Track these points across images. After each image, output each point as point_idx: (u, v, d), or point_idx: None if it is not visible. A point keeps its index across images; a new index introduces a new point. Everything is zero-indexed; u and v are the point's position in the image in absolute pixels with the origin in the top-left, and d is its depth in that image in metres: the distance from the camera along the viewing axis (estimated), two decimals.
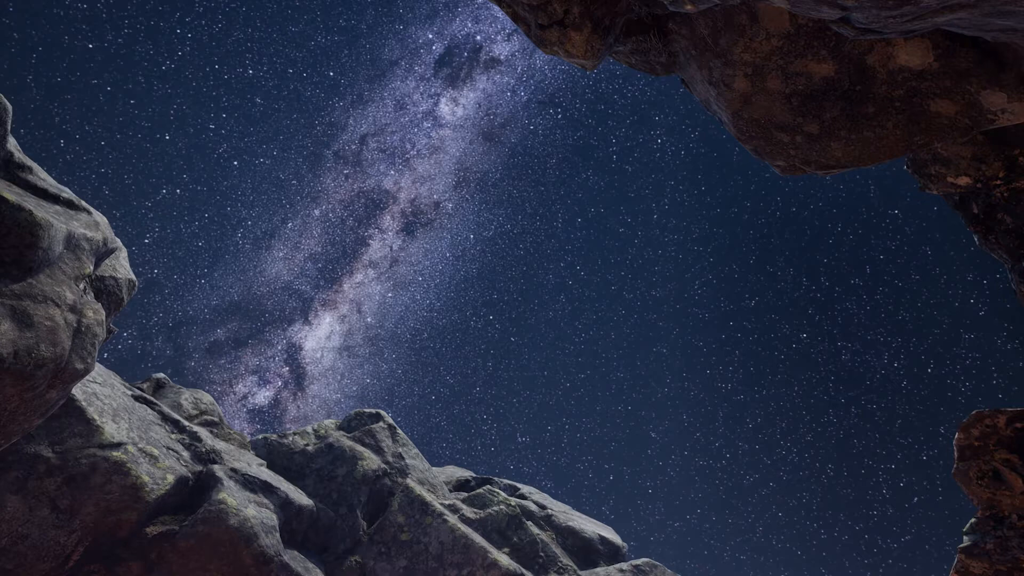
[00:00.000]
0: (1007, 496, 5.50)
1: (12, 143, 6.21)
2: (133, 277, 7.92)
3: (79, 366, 5.78)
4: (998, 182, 5.58)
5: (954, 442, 5.73)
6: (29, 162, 6.42)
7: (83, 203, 6.98)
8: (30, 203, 5.56)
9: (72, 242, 6.08)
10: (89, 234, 6.43)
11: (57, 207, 6.39)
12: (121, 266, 7.78)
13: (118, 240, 7.79)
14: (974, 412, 5.58)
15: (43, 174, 6.63)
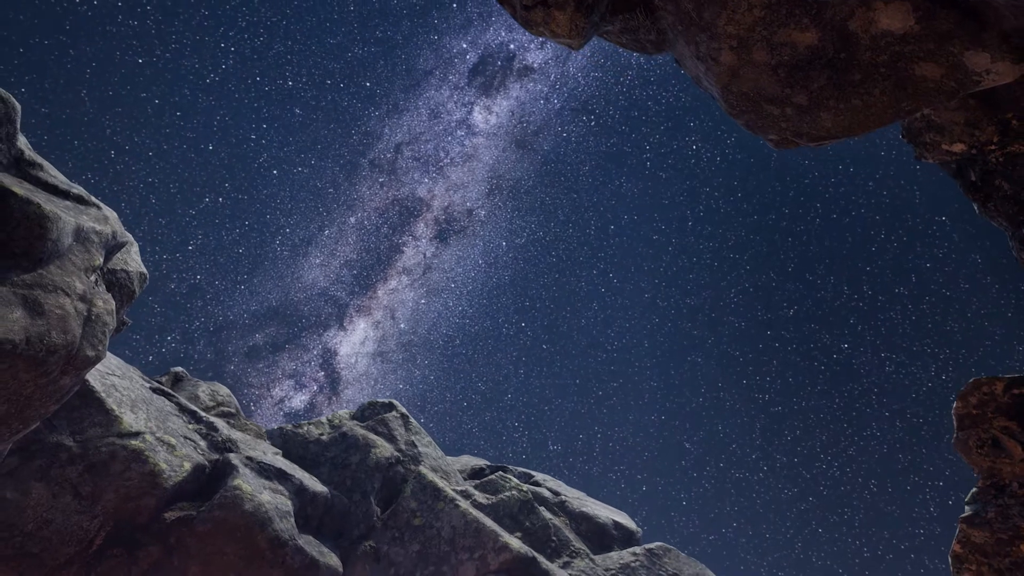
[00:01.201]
0: (1007, 464, 5.45)
1: (23, 141, 6.45)
2: (144, 270, 8.17)
3: (90, 353, 6.00)
4: (992, 147, 5.51)
5: (952, 411, 5.69)
6: (40, 159, 6.66)
7: (93, 199, 7.22)
8: (39, 197, 5.79)
9: (81, 235, 6.31)
10: (98, 227, 6.66)
11: (67, 202, 6.62)
12: (132, 259, 8.02)
13: (128, 235, 8.04)
14: (972, 380, 5.53)
15: (54, 171, 6.87)
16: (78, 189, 7.10)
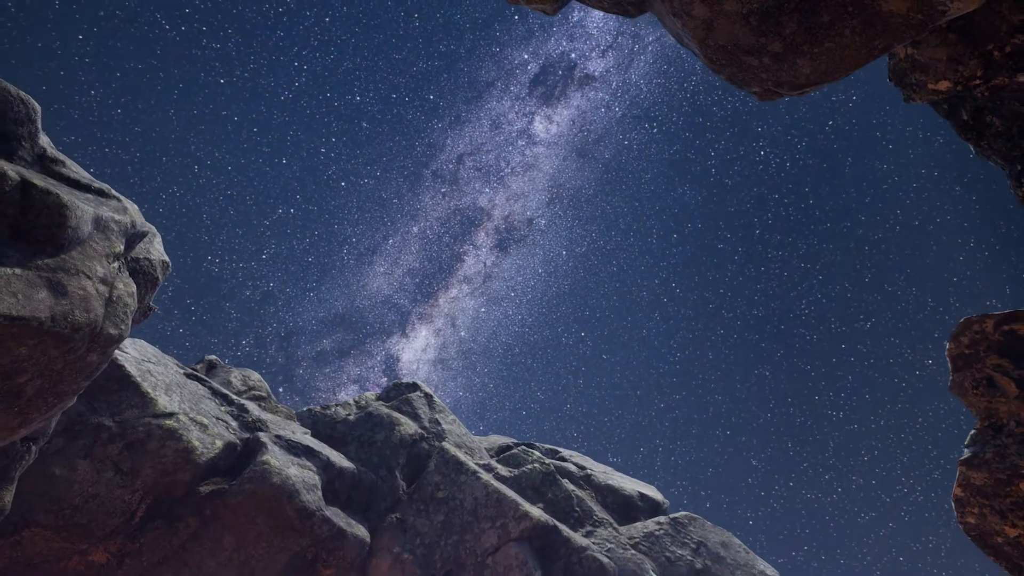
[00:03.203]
0: (1003, 403, 5.38)
1: (45, 140, 6.95)
2: (166, 259, 8.67)
3: (113, 331, 6.47)
4: (977, 82, 5.39)
5: (946, 353, 5.63)
6: (62, 157, 7.16)
7: (113, 192, 7.71)
8: (59, 189, 6.26)
9: (101, 224, 6.78)
10: (117, 217, 7.13)
11: (88, 195, 7.11)
12: (155, 249, 8.53)
13: (150, 225, 8.54)
14: (963, 319, 5.46)
15: (76, 167, 7.37)
16: (100, 184, 7.59)
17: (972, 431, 5.73)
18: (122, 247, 7.15)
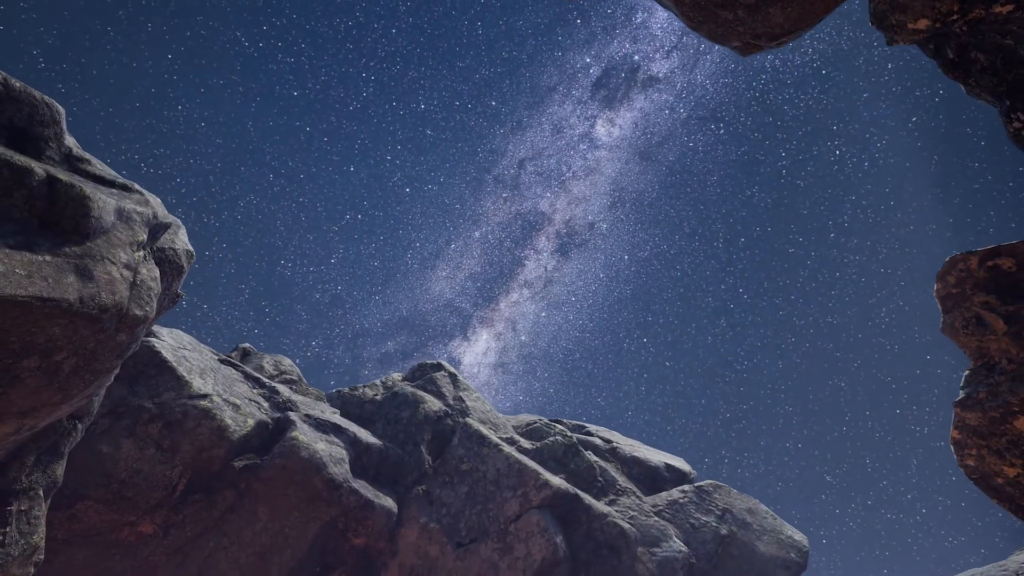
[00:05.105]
0: (993, 341, 5.33)
1: (71, 140, 7.51)
2: (190, 248, 9.22)
3: (138, 312, 7.00)
4: (955, 16, 5.31)
5: (934, 294, 5.60)
6: (87, 155, 7.72)
7: (136, 186, 8.26)
8: (83, 183, 6.80)
9: (123, 214, 7.31)
10: (139, 208, 7.66)
11: (112, 189, 7.66)
12: (179, 239, 9.09)
13: (173, 217, 9.09)
14: (948, 259, 5.42)
15: (101, 165, 7.94)
16: (123, 180, 8.15)
17: (966, 372, 5.69)
18: (145, 236, 7.67)
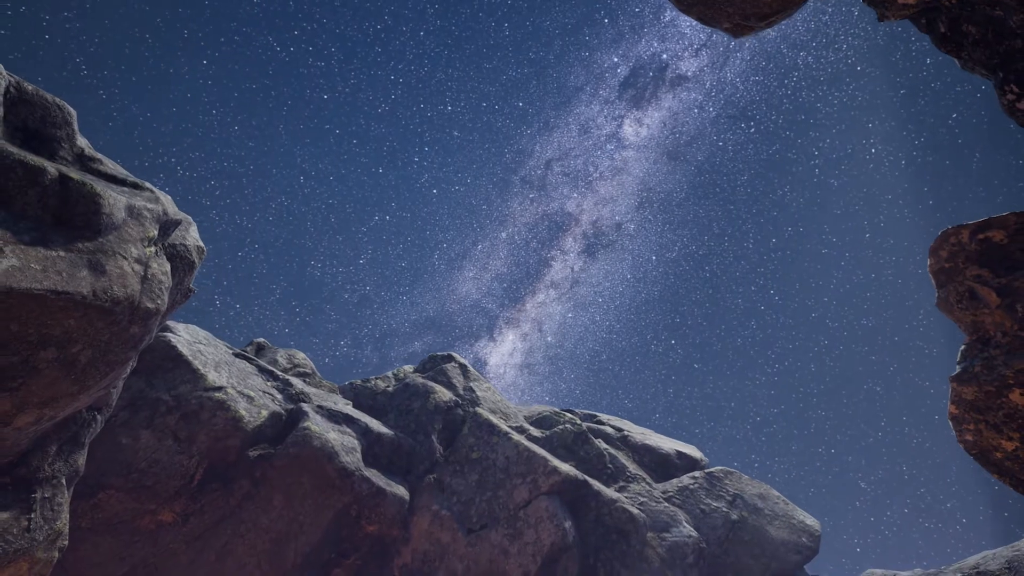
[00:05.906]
0: (987, 314, 5.32)
1: (82, 141, 7.77)
2: (201, 244, 9.48)
3: (150, 305, 7.25)
4: None
5: (928, 269, 5.59)
6: (99, 155, 7.99)
7: (147, 184, 8.52)
8: (94, 181, 7.04)
9: (134, 211, 7.55)
10: (149, 205, 7.91)
11: (123, 187, 7.92)
12: (190, 235, 9.34)
13: (184, 214, 9.35)
14: (940, 232, 5.41)
15: (112, 164, 8.20)
16: (134, 178, 8.40)
17: (962, 347, 5.68)
18: (156, 232, 7.91)
